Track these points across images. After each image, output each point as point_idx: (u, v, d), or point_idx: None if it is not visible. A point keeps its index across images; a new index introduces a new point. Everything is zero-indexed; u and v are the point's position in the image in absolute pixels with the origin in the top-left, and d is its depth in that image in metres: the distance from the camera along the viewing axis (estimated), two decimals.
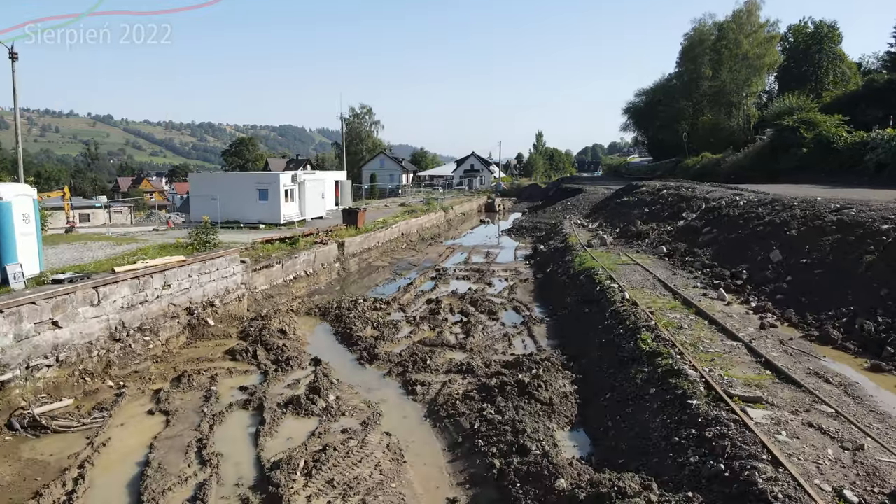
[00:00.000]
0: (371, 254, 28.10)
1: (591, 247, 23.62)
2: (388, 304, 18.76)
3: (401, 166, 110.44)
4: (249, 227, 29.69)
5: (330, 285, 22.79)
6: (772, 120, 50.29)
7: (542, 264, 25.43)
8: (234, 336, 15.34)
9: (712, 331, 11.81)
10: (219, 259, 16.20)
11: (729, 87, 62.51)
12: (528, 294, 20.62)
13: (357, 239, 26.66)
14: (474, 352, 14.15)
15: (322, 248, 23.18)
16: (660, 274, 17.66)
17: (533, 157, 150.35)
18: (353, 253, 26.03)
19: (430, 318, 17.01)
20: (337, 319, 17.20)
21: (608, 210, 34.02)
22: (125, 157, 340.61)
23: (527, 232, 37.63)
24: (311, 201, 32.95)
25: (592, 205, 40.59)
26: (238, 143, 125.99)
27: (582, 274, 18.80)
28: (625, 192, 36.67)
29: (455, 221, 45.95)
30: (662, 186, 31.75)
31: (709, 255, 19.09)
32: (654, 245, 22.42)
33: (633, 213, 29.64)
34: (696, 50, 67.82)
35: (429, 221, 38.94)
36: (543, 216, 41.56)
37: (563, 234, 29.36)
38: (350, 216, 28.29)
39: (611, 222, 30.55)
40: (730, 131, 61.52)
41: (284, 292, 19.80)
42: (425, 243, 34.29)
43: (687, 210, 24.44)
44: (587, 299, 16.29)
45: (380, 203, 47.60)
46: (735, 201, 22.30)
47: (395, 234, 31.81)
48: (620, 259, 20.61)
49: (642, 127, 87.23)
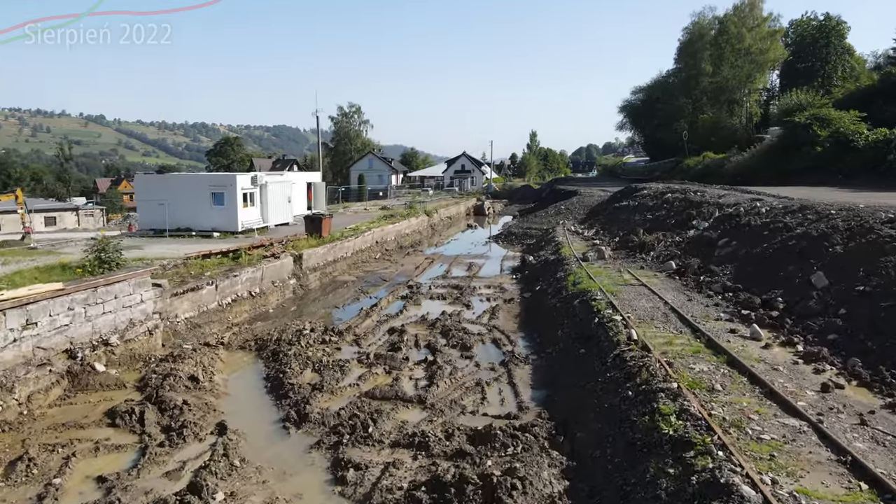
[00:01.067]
0: (337, 267, 24.71)
1: (586, 260, 20.32)
2: (340, 335, 15.41)
3: (390, 167, 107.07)
4: (202, 236, 26.34)
5: (282, 307, 19.40)
6: (779, 117, 47.22)
7: (531, 279, 22.11)
8: (130, 385, 11.93)
9: (758, 395, 8.50)
10: (118, 284, 12.79)
11: (731, 84, 59.47)
12: (511, 320, 17.28)
13: (319, 250, 23.26)
14: (436, 409, 10.82)
15: (273, 262, 19.79)
16: (672, 299, 14.36)
17: (526, 157, 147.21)
18: (313, 267, 22.64)
19: (387, 356, 13.65)
20: (273, 357, 13.84)
21: (605, 215, 30.72)
22: (117, 157, 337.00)
23: (516, 239, 34.31)
24: (275, 206, 29.58)
25: (588, 209, 37.30)
26: (223, 143, 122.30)
27: (577, 298, 15.48)
28: (623, 195, 33.40)
29: (440, 226, 42.60)
30: (666, 189, 28.48)
31: (730, 273, 15.79)
32: (661, 259, 19.14)
33: (633, 219, 26.34)
34: (695, 45, 64.80)
35: (409, 227, 35.58)
36: (535, 221, 38.25)
37: (556, 242, 26.06)
38: (313, 224, 24.90)
39: (609, 230, 27.24)
40: (732, 130, 58.47)
41: (218, 319, 16.39)
42: (403, 252, 30.92)
43: (697, 218, 21.16)
44: (583, 335, 12.96)
45: (360, 206, 44.24)
46: (755, 208, 19.03)
47: (367, 242, 28.43)
48: (622, 277, 17.30)
49: (639, 126, 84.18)
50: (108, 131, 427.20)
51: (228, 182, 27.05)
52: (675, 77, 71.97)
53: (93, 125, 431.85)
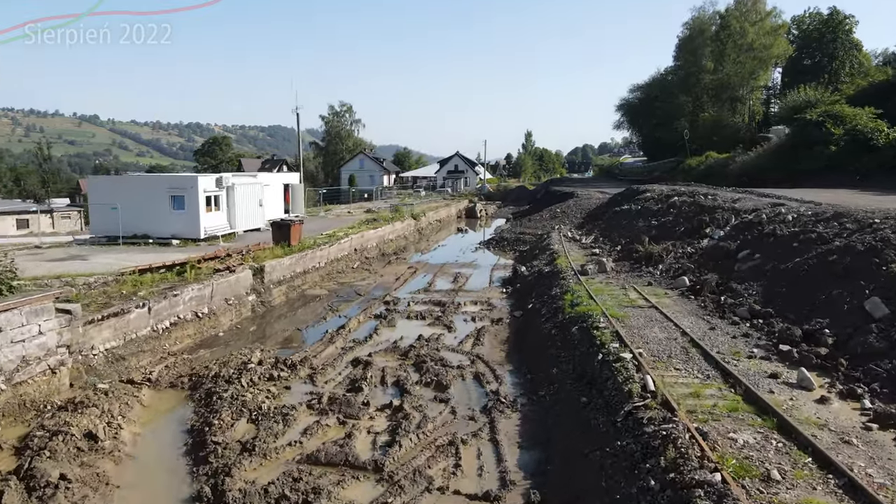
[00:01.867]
0: (307, 279, 22.16)
1: (586, 274, 17.84)
2: (293, 369, 12.88)
3: (381, 167, 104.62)
4: (160, 244, 23.80)
5: (236, 329, 16.83)
6: (786, 115, 44.92)
7: (523, 294, 19.63)
8: (7, 448, 9.37)
9: (833, 489, 6.02)
10: (4, 314, 10.22)
11: (733, 81, 57.10)
12: (498, 347, 14.77)
13: (286, 261, 20.71)
14: (394, 482, 8.34)
15: (226, 277, 17.24)
16: (690, 326, 11.91)
17: (521, 157, 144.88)
18: (278, 280, 20.10)
19: (344, 399, 11.13)
20: (205, 400, 11.32)
21: (605, 220, 28.23)
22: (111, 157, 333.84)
23: (508, 245, 31.82)
24: (244, 210, 27.02)
25: (585, 212, 34.84)
26: (211, 143, 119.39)
27: (575, 323, 12.99)
28: (624, 198, 30.97)
29: (428, 231, 40.06)
30: (672, 192, 26.02)
31: (756, 294, 13.33)
32: (672, 274, 16.67)
33: (636, 225, 23.87)
34: (695, 41, 62.38)
35: (393, 233, 33.04)
36: (529, 225, 35.77)
37: (551, 251, 23.58)
38: (281, 231, 22.35)
39: (609, 237, 24.76)
40: (734, 129, 56.14)
41: (151, 349, 13.83)
42: (384, 261, 28.39)
43: (711, 225, 18.69)
44: (584, 375, 10.48)
45: (343, 209, 41.67)
46: (779, 215, 16.59)
47: (344, 250, 25.87)
48: (628, 296, 14.82)
49: (637, 125, 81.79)
50: (102, 131, 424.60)
51: (189, 184, 24.47)
52: (675, 74, 69.64)
53: (86, 125, 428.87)
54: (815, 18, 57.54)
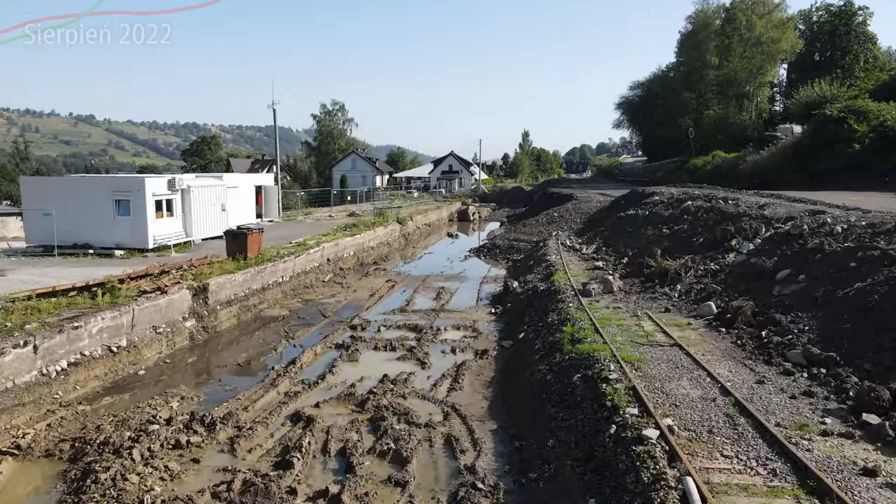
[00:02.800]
0: (266, 296, 19.19)
1: (588, 295, 14.91)
2: (211, 429, 9.91)
3: (374, 167, 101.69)
4: (101, 255, 20.87)
5: (165, 364, 13.84)
6: (800, 112, 42.15)
7: (515, 316, 16.71)
8: None
9: None
10: None
11: (740, 76, 54.19)
12: (481, 391, 11.82)
13: (238, 277, 17.73)
14: None
15: (154, 300, 14.26)
16: (729, 377, 9.02)
17: (518, 157, 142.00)
18: (227, 300, 17.12)
19: (263, 485, 8.15)
20: (79, 481, 8.37)
21: (608, 227, 25.26)
22: (107, 157, 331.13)
23: (501, 254, 28.88)
24: (202, 216, 24.04)
25: (585, 217, 31.90)
26: (200, 142, 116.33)
27: (577, 369, 10.06)
28: (629, 201, 28.04)
29: (415, 236, 37.07)
30: (683, 195, 23.07)
31: (810, 329, 10.41)
32: (694, 297, 13.74)
33: (644, 234, 20.92)
34: (699, 35, 59.44)
35: (374, 239, 30.06)
36: (524, 231, 32.82)
37: (547, 262, 20.66)
38: (236, 241, 19.35)
39: (614, 246, 21.81)
40: (741, 126, 53.27)
41: (36, 399, 10.83)
42: (362, 272, 25.41)
43: (737, 236, 15.74)
44: (592, 458, 7.54)
45: (324, 213, 38.66)
46: (824, 225, 13.67)
47: (313, 262, 22.87)
48: (642, 329, 11.89)
49: (637, 123, 78.98)
50: (98, 131, 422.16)
51: (135, 186, 21.48)
52: (677, 71, 66.82)
53: (82, 125, 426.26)
54: (824, 11, 54.67)
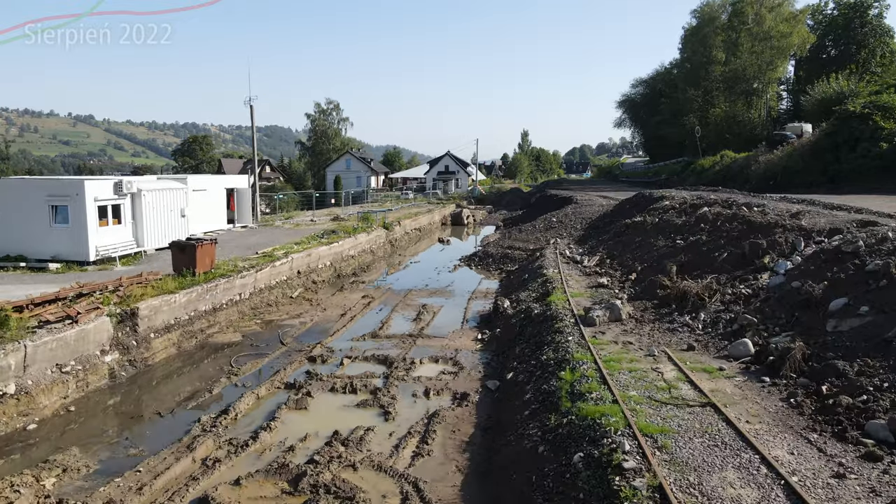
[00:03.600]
0: (218, 319, 16.55)
1: (592, 324, 12.29)
2: None
3: (369, 167, 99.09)
4: (34, 269, 18.32)
5: (69, 413, 11.20)
6: (815, 109, 39.55)
7: (504, 346, 14.11)
8: None
9: None
10: None
11: (748, 72, 51.56)
12: (454, 460, 9.17)
13: (180, 298, 15.10)
14: None
15: (58, 333, 11.62)
16: (791, 464, 6.46)
17: (517, 157, 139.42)
18: (165, 325, 14.50)
19: None
20: None
21: (613, 235, 22.58)
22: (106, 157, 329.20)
23: (493, 263, 26.24)
24: (156, 223, 21.44)
25: (586, 223, 29.24)
26: (191, 142, 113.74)
27: (579, 445, 7.44)
28: (634, 206, 25.42)
29: (403, 242, 34.41)
30: (698, 200, 20.40)
31: (892, 385, 7.77)
32: (722, 329, 11.12)
33: (654, 245, 18.26)
34: (705, 30, 56.91)
35: (355, 247, 27.41)
36: (520, 237, 30.15)
37: (544, 278, 18.05)
38: (183, 255, 16.69)
39: (620, 259, 19.15)
40: (750, 125, 50.69)
41: None
42: (337, 285, 22.78)
43: (770, 252, 13.09)
44: None
45: (307, 217, 36.00)
46: (885, 241, 11.04)
47: (279, 275, 20.24)
48: (663, 378, 9.26)
49: (639, 122, 76.49)
50: (97, 131, 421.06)
51: (73, 190, 18.85)
52: (681, 67, 64.25)
53: (81, 125, 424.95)
54: (838, 3, 52.04)
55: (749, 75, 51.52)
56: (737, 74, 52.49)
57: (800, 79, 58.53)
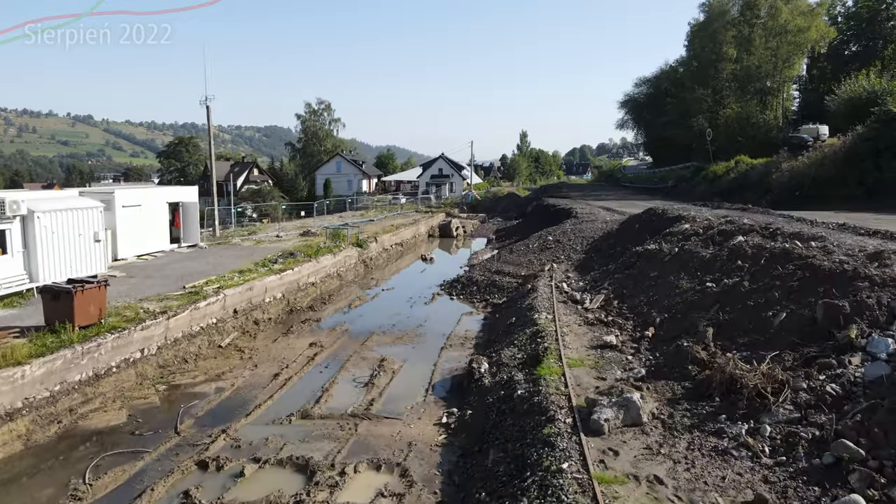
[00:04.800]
0: (106, 387, 12.53)
1: (598, 432, 8.28)
2: None
3: (360, 170, 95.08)
4: None
5: None
6: (843, 110, 35.49)
7: (473, 442, 10.08)
8: None
9: None
10: None
11: (763, 70, 47.54)
12: None
13: (34, 370, 11.07)
14: None
15: None
16: None
17: (515, 159, 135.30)
18: (7, 412, 10.49)
19: None
20: None
21: (620, 266, 18.46)
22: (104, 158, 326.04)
23: (478, 292, 22.23)
24: (58, 251, 17.40)
25: (588, 243, 25.16)
26: (177, 143, 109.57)
27: None
28: (646, 226, 21.38)
29: (379, 261, 30.39)
30: (730, 225, 16.24)
31: None
32: (804, 459, 7.15)
33: (678, 286, 14.16)
34: (714, 25, 52.89)
35: (317, 272, 23.39)
36: (510, 259, 26.01)
37: (534, 328, 14.04)
38: (57, 304, 12.68)
39: (630, 302, 15.06)
40: (765, 127, 46.62)
41: None
42: (286, 325, 18.77)
43: (857, 319, 9.05)
44: None
45: (272, 232, 31.95)
46: None
47: (205, 319, 16.17)
48: None
49: (643, 123, 72.51)
50: (96, 131, 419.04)
51: None
52: (688, 65, 60.29)
53: (80, 125, 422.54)
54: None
55: (763, 73, 47.49)
56: (750, 72, 48.50)
57: (813, 77, 54.58)
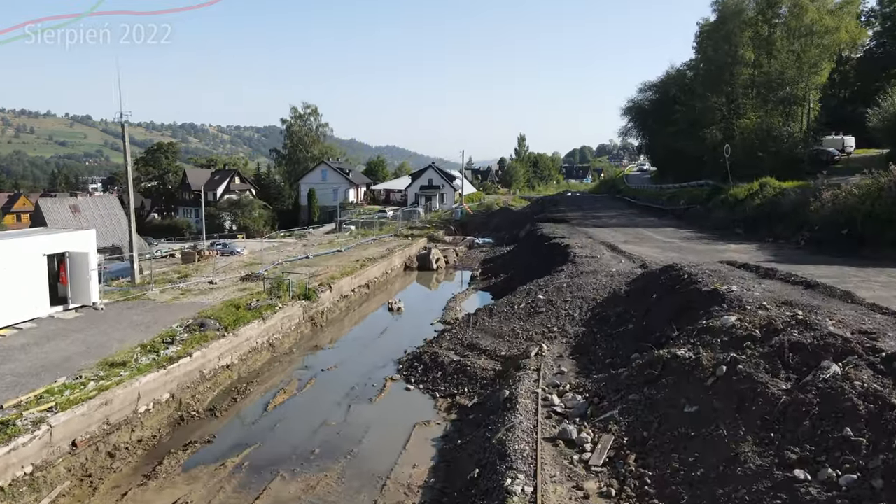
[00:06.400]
0: None
1: None
2: None
3: (347, 179, 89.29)
4: None
5: None
6: (887, 126, 29.92)
7: None
8: None
9: None
10: None
11: (787, 76, 41.95)
12: None
13: None
14: None
15: None
16: None
17: (513, 164, 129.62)
18: None
19: None
20: None
21: (637, 379, 12.54)
22: (102, 158, 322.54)
23: (443, 379, 16.62)
24: None
25: (588, 307, 19.48)
26: (155, 150, 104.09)
27: None
28: (668, 299, 15.79)
29: (333, 314, 24.79)
30: (810, 336, 10.40)
31: None
32: None
33: (738, 452, 8.66)
34: (728, 25, 47.16)
35: (239, 348, 17.78)
36: (490, 325, 20.02)
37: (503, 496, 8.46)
38: None
39: (658, 474, 9.48)
40: (790, 141, 40.94)
41: None
42: (166, 448, 13.19)
43: None
44: None
45: (204, 278, 26.34)
46: None
47: (19, 464, 10.61)
48: None
49: (648, 132, 66.86)
50: (95, 132, 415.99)
51: None
52: (697, 70, 54.71)
53: (79, 126, 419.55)
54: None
55: (788, 79, 41.93)
56: (771, 79, 42.93)
57: (833, 82, 49.06)
